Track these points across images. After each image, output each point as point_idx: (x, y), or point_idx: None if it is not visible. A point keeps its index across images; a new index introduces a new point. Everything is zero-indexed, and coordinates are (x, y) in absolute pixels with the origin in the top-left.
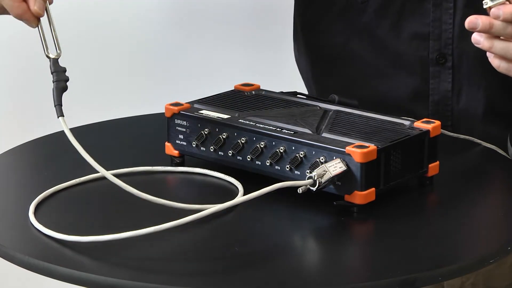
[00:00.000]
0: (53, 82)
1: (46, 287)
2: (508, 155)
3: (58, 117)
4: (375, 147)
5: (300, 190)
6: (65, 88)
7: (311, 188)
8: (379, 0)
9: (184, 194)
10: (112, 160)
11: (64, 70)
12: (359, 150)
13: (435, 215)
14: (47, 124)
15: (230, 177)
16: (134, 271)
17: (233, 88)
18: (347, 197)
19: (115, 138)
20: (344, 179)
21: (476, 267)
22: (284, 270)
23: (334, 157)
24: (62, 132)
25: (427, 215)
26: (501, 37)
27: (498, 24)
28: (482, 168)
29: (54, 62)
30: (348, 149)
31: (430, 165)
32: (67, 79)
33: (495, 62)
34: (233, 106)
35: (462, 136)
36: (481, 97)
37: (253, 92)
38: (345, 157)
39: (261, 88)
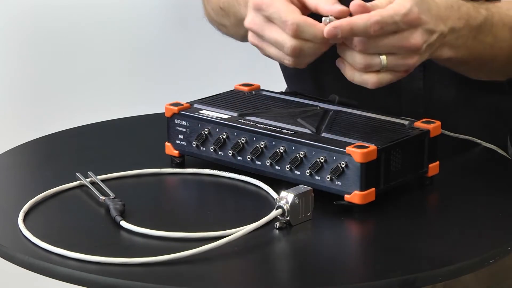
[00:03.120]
0: None
1: (46, 287)
2: (508, 155)
3: None
4: (375, 147)
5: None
6: None
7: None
8: None
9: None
10: (112, 160)
11: None
12: (359, 150)
13: (435, 215)
14: (47, 124)
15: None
16: (134, 271)
17: (233, 88)
18: (347, 197)
19: (115, 138)
20: (344, 179)
21: (476, 267)
22: (284, 270)
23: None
24: (62, 132)
25: (427, 215)
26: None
27: (358, 25)
28: (482, 168)
29: None
30: (348, 149)
31: (430, 165)
32: None
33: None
34: (233, 106)
35: (462, 136)
36: (454, 93)
37: (253, 92)
38: (345, 157)
39: (261, 88)
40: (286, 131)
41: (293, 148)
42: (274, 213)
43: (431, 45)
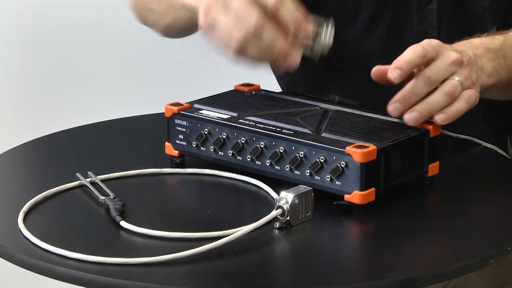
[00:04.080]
0: None
1: (46, 287)
2: (508, 155)
3: None
4: (375, 147)
5: (276, 225)
6: None
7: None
8: (371, 10)
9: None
10: (113, 160)
11: None
12: (359, 150)
13: (435, 215)
14: (47, 124)
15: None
16: (134, 271)
17: (233, 88)
18: (347, 197)
19: (115, 138)
20: (344, 179)
21: (476, 267)
22: (284, 270)
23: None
24: (62, 132)
25: (427, 215)
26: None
27: (415, 85)
28: (482, 168)
29: None
30: (348, 149)
31: (430, 165)
32: None
33: (442, 117)
34: (233, 106)
35: (462, 136)
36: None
37: (253, 92)
38: (345, 157)
39: (261, 88)
40: (286, 131)
41: (293, 148)
42: (274, 213)
43: (470, 62)
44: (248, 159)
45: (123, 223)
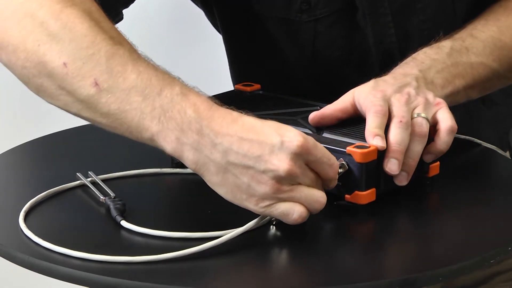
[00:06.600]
0: None
1: (46, 287)
2: (508, 155)
3: None
4: (376, 147)
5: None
6: None
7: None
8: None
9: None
10: (113, 160)
11: None
12: (360, 150)
13: (435, 215)
14: (47, 124)
15: None
16: (134, 271)
17: (233, 88)
18: (348, 197)
19: (115, 138)
20: (344, 179)
21: (476, 267)
22: (284, 270)
23: None
24: (62, 132)
25: (427, 215)
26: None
27: (396, 134)
28: (482, 168)
29: None
30: (349, 149)
31: (430, 165)
32: None
33: (430, 157)
34: (233, 106)
35: (462, 136)
36: None
37: (254, 92)
38: (345, 157)
39: (261, 88)
40: None
41: None
42: None
43: (418, 80)
44: None
45: (123, 223)
